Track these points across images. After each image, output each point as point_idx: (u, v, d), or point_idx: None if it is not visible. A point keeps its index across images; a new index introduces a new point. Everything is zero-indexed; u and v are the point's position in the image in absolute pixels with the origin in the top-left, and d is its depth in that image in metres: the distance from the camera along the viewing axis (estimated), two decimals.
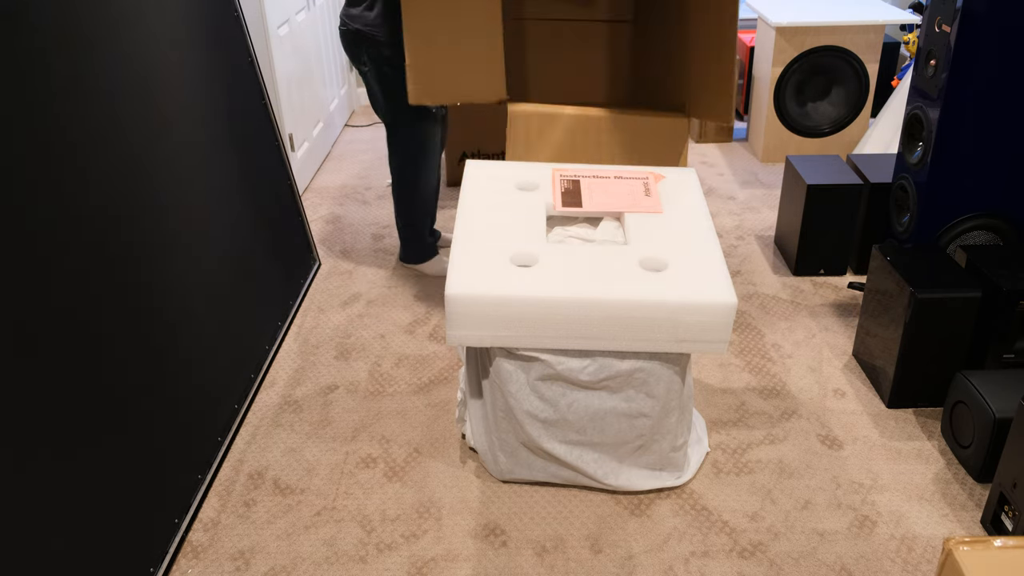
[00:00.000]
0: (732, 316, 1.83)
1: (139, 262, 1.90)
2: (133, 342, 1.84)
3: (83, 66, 1.76)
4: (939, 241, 2.47)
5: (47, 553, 1.52)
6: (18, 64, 1.56)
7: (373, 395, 2.46)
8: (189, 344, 2.08)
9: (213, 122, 2.37)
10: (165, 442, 1.92)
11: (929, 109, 2.36)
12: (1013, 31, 2.21)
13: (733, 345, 2.67)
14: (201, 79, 2.32)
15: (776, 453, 2.22)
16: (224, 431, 2.22)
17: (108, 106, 1.84)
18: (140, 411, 1.83)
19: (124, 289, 1.83)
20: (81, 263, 1.69)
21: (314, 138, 3.96)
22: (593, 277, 1.87)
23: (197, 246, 2.19)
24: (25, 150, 1.56)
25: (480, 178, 2.28)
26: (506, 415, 2.00)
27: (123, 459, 1.76)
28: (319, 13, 4.09)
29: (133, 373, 1.82)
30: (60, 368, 1.59)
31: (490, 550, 1.95)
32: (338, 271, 3.13)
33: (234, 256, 2.40)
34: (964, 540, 1.26)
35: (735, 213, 3.54)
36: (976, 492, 2.09)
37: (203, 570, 1.90)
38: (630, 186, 2.25)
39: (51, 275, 1.60)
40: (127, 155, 1.90)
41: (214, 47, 2.44)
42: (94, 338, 1.70)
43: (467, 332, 1.87)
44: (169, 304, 2.01)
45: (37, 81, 1.61)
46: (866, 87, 3.81)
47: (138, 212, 1.92)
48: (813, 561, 1.91)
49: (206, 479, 2.10)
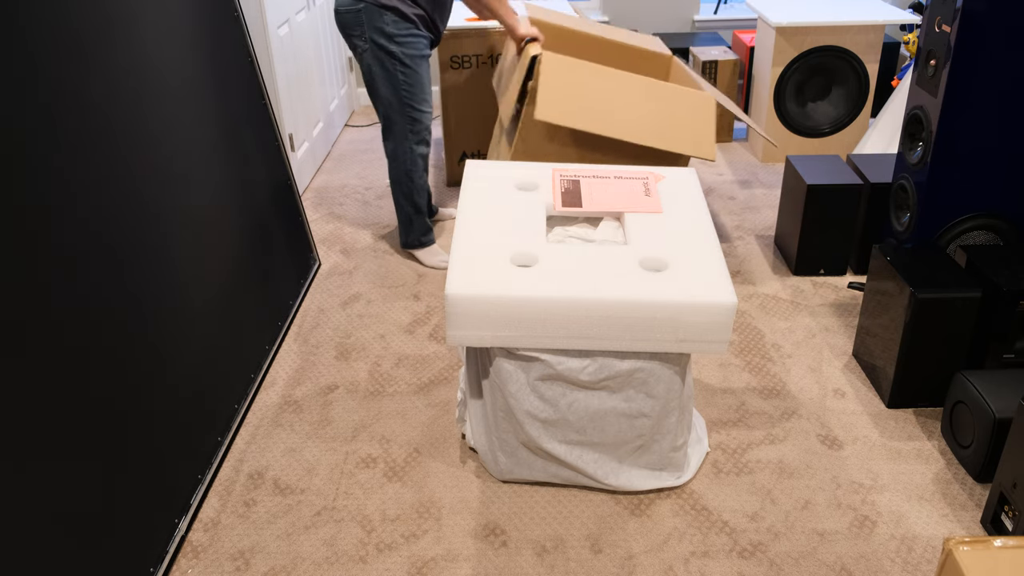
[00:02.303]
0: (732, 316, 1.83)
1: (139, 262, 1.90)
2: (133, 342, 1.84)
3: (82, 66, 1.76)
4: (939, 241, 2.47)
5: (47, 553, 1.52)
6: (17, 64, 1.56)
7: (373, 395, 2.46)
8: (189, 344, 2.08)
9: (213, 122, 2.37)
10: (165, 442, 1.92)
11: (929, 109, 2.36)
12: (1013, 31, 2.21)
13: (733, 345, 2.67)
14: (201, 79, 2.32)
15: (776, 453, 2.22)
16: (224, 431, 2.22)
17: (107, 106, 1.84)
18: (140, 411, 1.83)
19: (124, 289, 1.83)
20: (80, 263, 1.69)
21: (314, 138, 3.96)
22: (593, 277, 1.87)
23: (197, 246, 2.19)
24: (24, 151, 1.56)
25: (480, 178, 2.28)
26: (506, 415, 2.00)
27: (123, 459, 1.76)
28: (319, 13, 4.09)
29: (133, 373, 1.82)
30: (60, 368, 1.59)
31: (490, 550, 1.95)
32: (338, 271, 3.13)
33: (234, 256, 2.40)
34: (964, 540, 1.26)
35: (735, 213, 3.54)
36: (976, 492, 2.09)
37: (203, 570, 1.90)
38: (630, 186, 2.25)
39: (50, 275, 1.60)
40: (127, 155, 1.90)
41: (214, 47, 2.44)
42: (94, 338, 1.70)
43: (467, 332, 1.87)
44: (169, 304, 2.01)
45: (36, 81, 1.61)
46: (866, 87, 3.81)
47: (137, 212, 1.92)
48: (813, 561, 1.91)
49: (206, 479, 2.10)
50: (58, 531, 1.55)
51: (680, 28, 4.98)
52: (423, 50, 2.86)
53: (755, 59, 4.06)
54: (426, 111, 2.93)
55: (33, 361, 1.53)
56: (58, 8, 1.69)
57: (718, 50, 4.32)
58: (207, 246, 2.24)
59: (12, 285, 1.50)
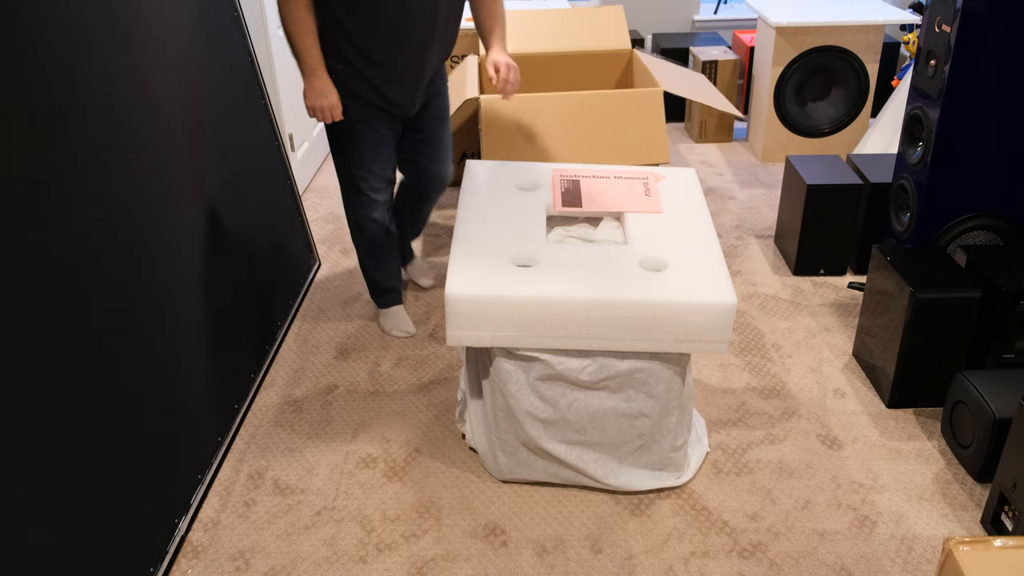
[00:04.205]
0: (732, 316, 1.83)
1: (138, 262, 1.90)
2: (133, 342, 1.84)
3: (82, 66, 1.76)
4: (939, 241, 2.47)
5: (47, 553, 1.52)
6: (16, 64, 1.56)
7: (373, 395, 2.46)
8: (189, 344, 2.08)
9: (213, 122, 2.37)
10: (165, 442, 1.92)
11: (929, 109, 2.36)
12: (1013, 31, 2.21)
13: (733, 345, 2.67)
14: (201, 79, 2.32)
15: (776, 453, 2.22)
16: (224, 431, 2.22)
17: (107, 107, 1.84)
18: (140, 411, 1.83)
19: (123, 289, 1.83)
20: (80, 264, 1.69)
21: (314, 138, 3.96)
22: (593, 277, 1.87)
23: (197, 246, 2.19)
24: (23, 151, 1.56)
25: (480, 178, 2.28)
26: (506, 415, 2.00)
27: (123, 459, 1.76)
28: None
29: (133, 373, 1.82)
30: (60, 368, 1.59)
31: (490, 550, 1.95)
32: (338, 271, 3.13)
33: (234, 256, 2.40)
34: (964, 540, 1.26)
35: (735, 213, 3.54)
36: (976, 492, 2.09)
37: (203, 570, 1.90)
38: (630, 186, 2.25)
39: (50, 275, 1.60)
40: (126, 156, 1.90)
41: (214, 47, 2.44)
42: (94, 338, 1.70)
43: (467, 332, 1.87)
44: (169, 304, 2.01)
45: (35, 81, 1.61)
46: (866, 87, 3.82)
47: (137, 212, 1.92)
48: (813, 561, 1.91)
49: (206, 479, 2.10)
50: (58, 531, 1.55)
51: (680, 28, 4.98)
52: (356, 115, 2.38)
53: (755, 59, 4.06)
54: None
55: (33, 361, 1.53)
56: (58, 8, 1.69)
57: (718, 50, 4.32)
58: (206, 246, 2.24)
59: (11, 285, 1.50)
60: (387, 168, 2.49)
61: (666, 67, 3.37)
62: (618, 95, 2.92)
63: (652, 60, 3.38)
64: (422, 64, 2.32)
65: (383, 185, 2.50)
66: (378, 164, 2.45)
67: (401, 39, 2.24)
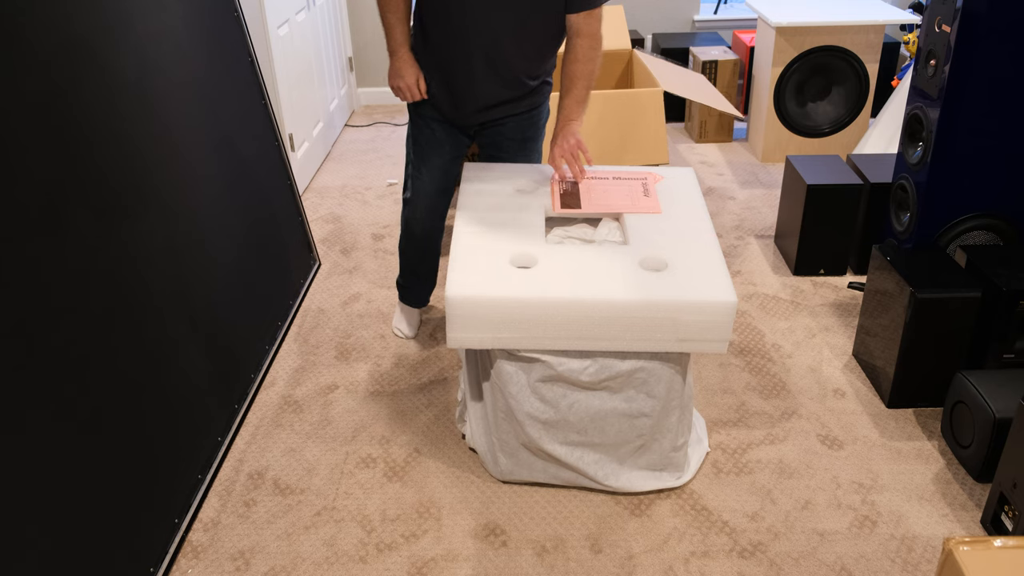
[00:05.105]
0: (732, 316, 1.83)
1: (138, 262, 1.90)
2: (132, 342, 1.84)
3: (82, 66, 1.76)
4: (939, 241, 2.47)
5: (47, 553, 1.52)
6: (16, 64, 1.56)
7: (373, 395, 2.46)
8: (189, 344, 2.08)
9: (213, 122, 2.37)
10: (165, 442, 1.92)
11: (929, 109, 2.36)
12: (1013, 31, 2.21)
13: (733, 345, 2.67)
14: (201, 79, 2.32)
15: (776, 453, 2.22)
16: (224, 431, 2.23)
17: (107, 107, 1.84)
18: (140, 411, 1.83)
19: (123, 288, 1.83)
20: (80, 263, 1.69)
21: (314, 138, 3.96)
22: (593, 278, 1.87)
23: (197, 246, 2.19)
24: (24, 151, 1.56)
25: (479, 180, 2.28)
26: (507, 416, 2.00)
27: (123, 459, 1.76)
28: (319, 13, 4.09)
29: (133, 373, 1.82)
30: (59, 368, 1.59)
31: (490, 550, 1.95)
32: (338, 271, 3.13)
33: (234, 256, 2.40)
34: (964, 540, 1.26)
35: (735, 213, 3.54)
36: (976, 492, 2.09)
37: (203, 570, 1.90)
38: (629, 187, 2.25)
39: (50, 275, 1.60)
40: (127, 156, 1.90)
41: (214, 47, 2.44)
42: (93, 338, 1.70)
43: (467, 334, 1.87)
44: (169, 304, 2.01)
45: (35, 81, 1.61)
46: (866, 87, 3.81)
47: (137, 212, 1.92)
48: (813, 561, 1.91)
49: (206, 479, 2.10)
50: (58, 531, 1.55)
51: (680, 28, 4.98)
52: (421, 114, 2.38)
53: (755, 59, 4.06)
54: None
55: (32, 361, 1.53)
56: (59, 8, 1.69)
57: (718, 50, 4.32)
58: (207, 246, 2.24)
59: (11, 285, 1.50)
60: (435, 173, 2.40)
61: (666, 67, 3.39)
62: (618, 95, 2.93)
63: (652, 60, 3.39)
64: (471, 77, 2.20)
65: (430, 190, 2.42)
66: (426, 165, 2.39)
67: (459, 44, 2.15)
